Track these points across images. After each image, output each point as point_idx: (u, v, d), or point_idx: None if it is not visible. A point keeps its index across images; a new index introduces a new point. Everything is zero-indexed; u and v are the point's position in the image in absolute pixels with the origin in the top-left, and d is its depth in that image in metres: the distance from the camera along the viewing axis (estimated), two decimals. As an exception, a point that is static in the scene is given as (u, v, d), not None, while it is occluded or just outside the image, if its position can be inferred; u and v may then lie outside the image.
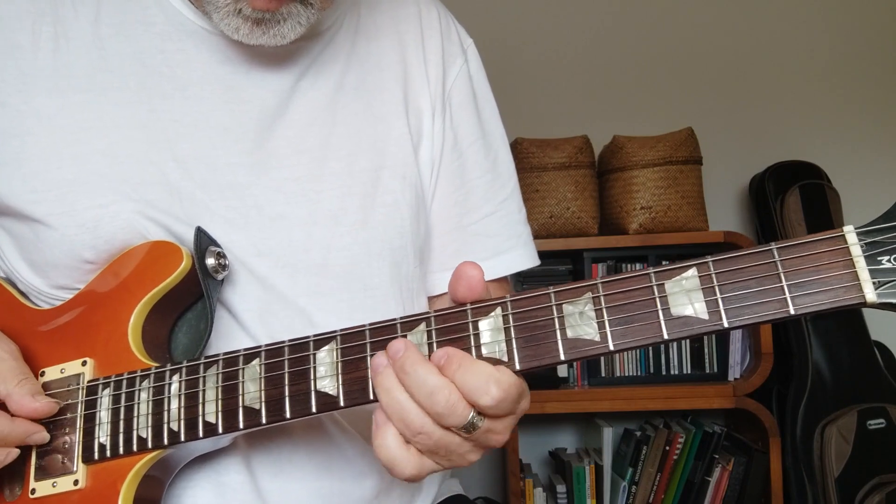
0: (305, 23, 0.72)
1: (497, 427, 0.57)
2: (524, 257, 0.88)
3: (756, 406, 1.95)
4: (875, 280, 0.49)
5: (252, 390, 0.62)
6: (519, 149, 2.03)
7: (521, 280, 1.91)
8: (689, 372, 2.06)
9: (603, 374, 2.07)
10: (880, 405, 2.01)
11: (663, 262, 0.54)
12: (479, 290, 0.57)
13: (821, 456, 2.00)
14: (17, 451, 0.67)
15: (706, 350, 2.06)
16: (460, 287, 0.57)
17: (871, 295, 0.49)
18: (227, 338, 0.72)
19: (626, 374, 2.07)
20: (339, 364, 0.59)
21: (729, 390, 1.96)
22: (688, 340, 2.05)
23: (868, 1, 2.37)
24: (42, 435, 0.67)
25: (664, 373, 2.07)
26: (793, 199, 2.14)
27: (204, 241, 0.69)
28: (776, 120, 2.36)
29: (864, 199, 2.25)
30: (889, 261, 0.49)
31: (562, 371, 2.05)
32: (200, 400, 0.63)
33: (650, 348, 2.05)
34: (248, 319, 0.73)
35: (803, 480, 2.02)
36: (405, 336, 0.58)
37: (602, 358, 2.04)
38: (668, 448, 2.03)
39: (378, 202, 0.78)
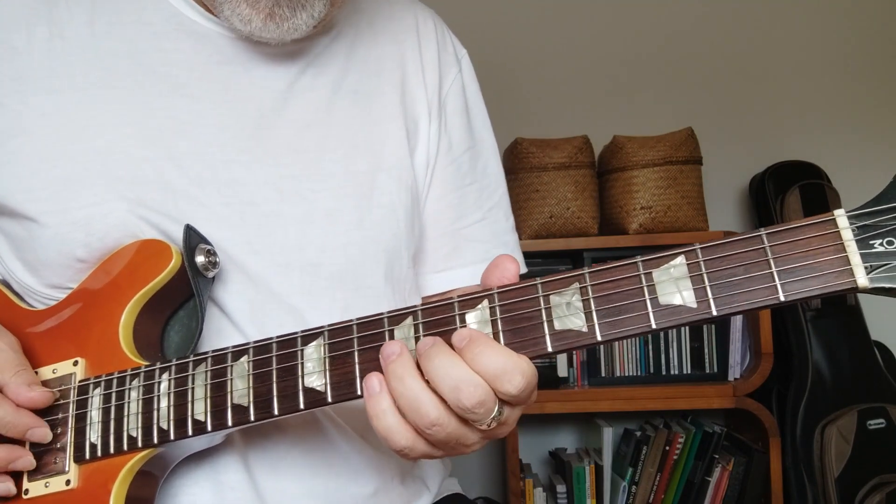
0: (318, 16, 0.73)
1: (510, 418, 0.56)
2: None
3: (756, 406, 1.95)
4: (867, 264, 0.48)
5: (240, 387, 0.61)
6: (519, 149, 2.03)
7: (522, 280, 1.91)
8: (688, 372, 2.05)
9: (603, 374, 2.06)
10: (880, 405, 2.00)
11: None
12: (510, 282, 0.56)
13: (821, 456, 1.99)
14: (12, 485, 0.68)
15: (706, 350, 2.05)
16: (493, 277, 0.56)
17: (862, 279, 0.47)
18: (220, 336, 0.72)
19: (626, 374, 2.06)
20: (327, 360, 0.59)
21: (729, 390, 1.95)
22: (687, 339, 2.04)
23: (868, 1, 2.36)
24: (43, 431, 0.67)
25: (664, 373, 2.06)
26: (793, 199, 2.13)
27: (193, 238, 0.69)
28: (776, 120, 2.35)
29: (865, 199, 2.22)
30: (881, 244, 0.48)
31: (562, 371, 2.04)
32: (189, 398, 0.63)
33: (650, 347, 2.04)
34: (241, 318, 0.73)
35: (803, 480, 2.01)
36: (392, 330, 0.57)
37: (601, 357, 2.04)
38: (668, 448, 2.03)
39: (374, 203, 0.78)
